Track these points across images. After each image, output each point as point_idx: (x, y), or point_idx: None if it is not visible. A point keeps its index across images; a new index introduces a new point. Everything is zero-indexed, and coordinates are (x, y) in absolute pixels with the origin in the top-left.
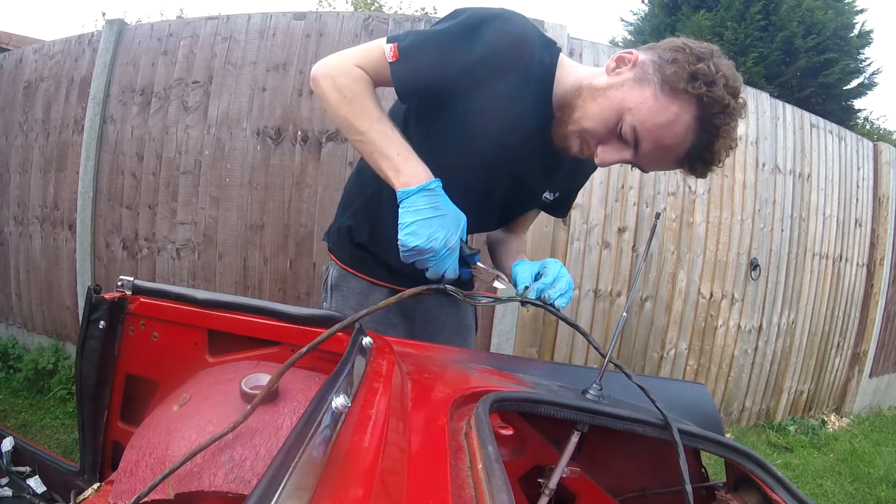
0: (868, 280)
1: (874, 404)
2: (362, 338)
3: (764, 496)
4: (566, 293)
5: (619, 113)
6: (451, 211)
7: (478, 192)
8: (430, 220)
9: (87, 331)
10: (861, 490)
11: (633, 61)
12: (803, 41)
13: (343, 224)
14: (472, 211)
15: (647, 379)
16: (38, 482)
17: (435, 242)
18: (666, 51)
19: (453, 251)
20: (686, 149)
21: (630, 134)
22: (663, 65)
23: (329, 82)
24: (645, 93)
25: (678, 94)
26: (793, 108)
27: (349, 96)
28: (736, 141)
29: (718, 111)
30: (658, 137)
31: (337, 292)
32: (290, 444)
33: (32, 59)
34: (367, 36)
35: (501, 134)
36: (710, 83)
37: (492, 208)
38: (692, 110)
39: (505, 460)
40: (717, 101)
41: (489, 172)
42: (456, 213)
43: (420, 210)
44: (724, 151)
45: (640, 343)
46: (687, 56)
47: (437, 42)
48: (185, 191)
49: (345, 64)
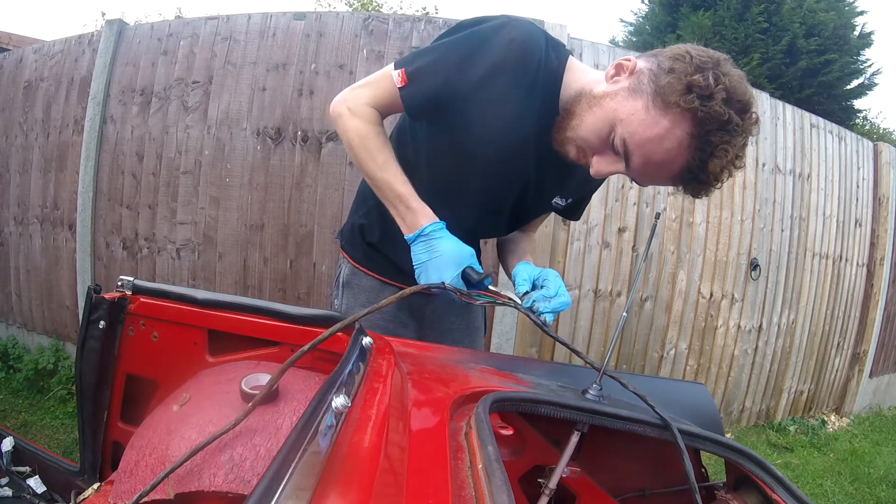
0: (868, 280)
1: (874, 404)
2: (362, 338)
3: (764, 496)
4: (558, 309)
5: (611, 124)
6: (447, 251)
7: (488, 200)
8: (425, 264)
9: (87, 331)
10: (861, 490)
11: (631, 69)
12: (805, 42)
13: (356, 222)
14: (482, 216)
15: (646, 379)
16: (38, 482)
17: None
18: (666, 59)
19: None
20: (680, 166)
21: (621, 146)
22: (659, 74)
23: (343, 124)
24: (637, 104)
25: (670, 108)
26: (793, 108)
27: (356, 142)
28: (741, 160)
29: (715, 128)
30: (647, 152)
31: (348, 290)
32: (290, 444)
33: (32, 59)
34: (367, 36)
35: (511, 142)
36: (707, 97)
37: (502, 215)
38: (685, 126)
39: (505, 460)
40: (713, 118)
41: (499, 181)
42: (454, 252)
43: (418, 255)
44: (723, 172)
45: (640, 343)
46: (685, 66)
47: (444, 60)
48: (185, 191)
49: (357, 104)
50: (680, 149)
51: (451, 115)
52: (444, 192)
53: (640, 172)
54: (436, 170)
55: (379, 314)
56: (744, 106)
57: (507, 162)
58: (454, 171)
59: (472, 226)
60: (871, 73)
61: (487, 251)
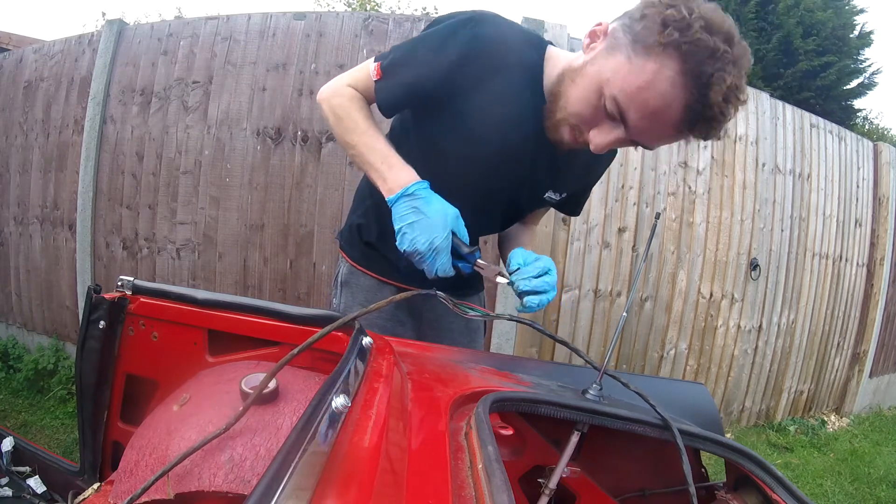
0: (868, 280)
1: (874, 404)
2: (362, 338)
3: (764, 496)
4: (543, 292)
5: (598, 88)
6: (433, 211)
7: (479, 195)
8: (412, 224)
9: (87, 331)
10: (861, 490)
11: (604, 31)
12: (802, 42)
13: (354, 222)
14: (476, 214)
15: (646, 379)
16: (38, 482)
17: (418, 245)
18: (636, 10)
19: (440, 251)
20: (679, 108)
21: (613, 107)
22: (633, 24)
23: (326, 105)
24: (619, 58)
25: (652, 50)
26: (793, 108)
27: (340, 115)
28: (742, 92)
29: (704, 57)
30: (642, 103)
31: (346, 289)
32: (290, 444)
33: (32, 59)
34: (366, 36)
35: (495, 137)
36: (685, 27)
37: (495, 211)
38: (672, 64)
39: (505, 460)
40: (699, 47)
41: (488, 175)
42: (441, 213)
43: (404, 216)
44: (728, 104)
45: (640, 343)
46: (656, 8)
47: (414, 54)
48: (185, 191)
49: (339, 86)
50: (674, 89)
51: (430, 110)
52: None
53: (641, 130)
54: (424, 168)
55: (377, 312)
56: (726, 35)
57: (494, 156)
58: (443, 167)
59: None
60: (871, 72)
61: (487, 250)
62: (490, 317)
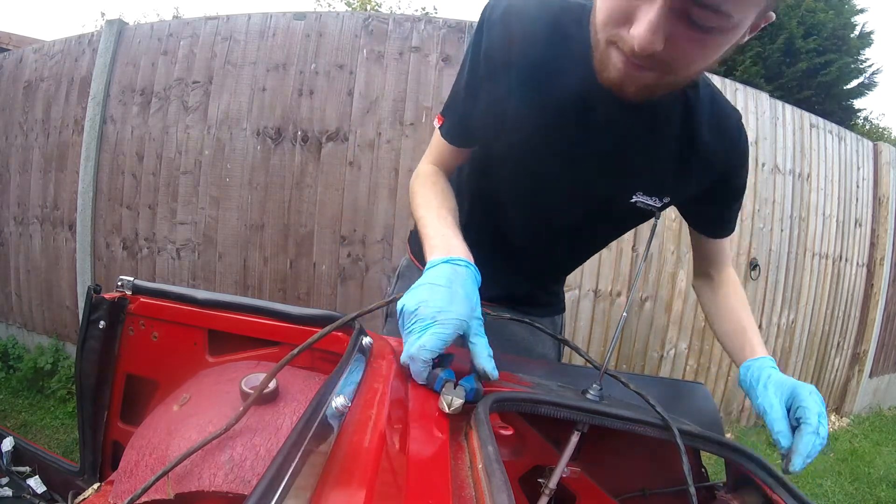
0: (868, 280)
1: (874, 404)
2: (362, 338)
3: (764, 496)
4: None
5: None
6: (467, 292)
7: (541, 199)
8: (434, 287)
9: (87, 331)
10: (861, 490)
11: None
12: (803, 42)
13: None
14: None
15: (646, 379)
16: (38, 482)
17: (425, 307)
18: None
19: (439, 328)
20: None
21: None
22: None
23: (410, 191)
24: None
25: None
26: (792, 108)
27: (412, 192)
28: None
29: None
30: None
31: (402, 280)
32: (290, 444)
33: (32, 59)
34: (366, 36)
35: (537, 101)
36: None
37: (571, 217)
38: None
39: (505, 460)
40: None
41: (545, 161)
42: (472, 298)
43: (434, 277)
44: None
45: (640, 343)
46: None
47: (458, 81)
48: (185, 191)
49: (419, 167)
50: None
51: (493, 127)
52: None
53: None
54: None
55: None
56: None
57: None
58: (500, 181)
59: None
60: (871, 72)
61: None
62: (490, 316)
